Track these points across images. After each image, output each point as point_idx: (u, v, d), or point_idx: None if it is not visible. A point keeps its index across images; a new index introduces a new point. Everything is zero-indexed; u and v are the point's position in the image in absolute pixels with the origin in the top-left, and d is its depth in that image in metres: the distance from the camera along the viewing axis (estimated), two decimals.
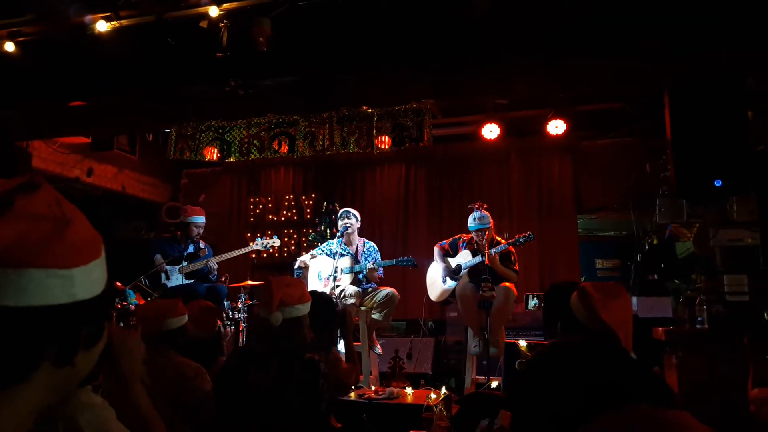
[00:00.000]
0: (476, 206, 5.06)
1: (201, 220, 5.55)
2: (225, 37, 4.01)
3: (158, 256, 5.37)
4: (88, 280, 0.80)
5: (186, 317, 2.80)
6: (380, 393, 3.90)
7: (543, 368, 0.98)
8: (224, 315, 5.43)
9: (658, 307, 4.90)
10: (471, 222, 5.00)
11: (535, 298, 5.62)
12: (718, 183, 3.47)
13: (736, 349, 3.42)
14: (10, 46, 4.43)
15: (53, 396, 0.81)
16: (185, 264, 5.44)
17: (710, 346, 3.77)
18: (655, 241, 5.90)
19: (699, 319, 3.97)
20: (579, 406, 0.86)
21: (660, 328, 4.12)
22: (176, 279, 5.39)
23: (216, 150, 5.15)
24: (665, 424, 0.80)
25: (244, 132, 5.02)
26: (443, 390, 3.61)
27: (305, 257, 5.49)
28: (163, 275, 5.35)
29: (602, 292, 2.02)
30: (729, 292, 4.04)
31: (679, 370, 3.79)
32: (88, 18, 4.14)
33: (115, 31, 4.19)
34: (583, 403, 0.86)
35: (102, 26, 4.16)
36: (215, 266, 5.50)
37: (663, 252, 6.19)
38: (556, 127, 5.92)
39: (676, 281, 5.82)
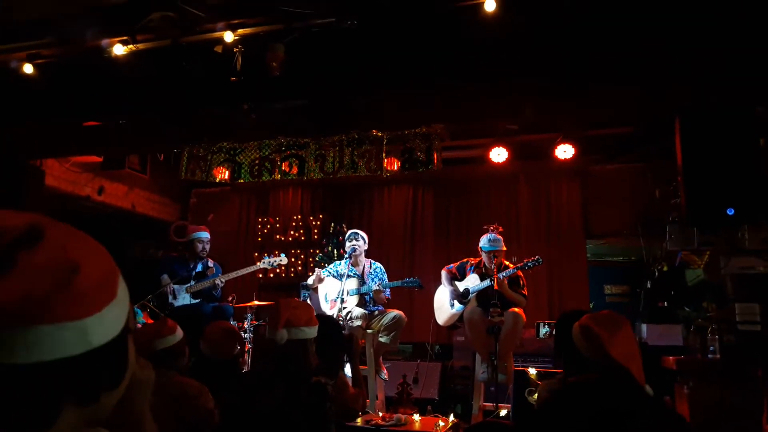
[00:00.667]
0: (491, 228, 5.05)
1: (204, 235, 5.57)
2: (239, 62, 4.06)
3: (165, 276, 5.39)
4: (103, 325, 0.76)
5: (178, 335, 2.78)
6: (387, 419, 3.86)
7: (558, 408, 0.97)
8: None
9: (668, 335, 4.86)
10: (484, 242, 4.99)
11: (546, 326, 5.57)
12: (730, 212, 3.45)
13: (750, 380, 3.37)
14: (28, 68, 4.50)
15: (83, 428, 0.79)
16: (193, 283, 5.44)
17: (723, 376, 3.72)
18: (665, 268, 5.86)
19: (711, 348, 3.93)
20: None
21: (671, 357, 4.08)
22: (183, 298, 5.39)
23: (227, 171, 5.19)
24: None
25: (255, 154, 5.06)
26: (451, 417, 3.57)
27: (318, 273, 5.45)
28: (170, 295, 5.35)
29: (605, 326, 1.96)
30: (741, 321, 3.99)
31: (690, 401, 3.74)
32: (105, 42, 4.20)
33: (131, 55, 4.25)
34: None
35: (119, 50, 4.22)
36: (221, 283, 5.50)
37: (673, 279, 6.14)
38: (565, 151, 5.94)
39: (686, 309, 5.76)
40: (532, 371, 4.20)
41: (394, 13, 3.94)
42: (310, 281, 5.52)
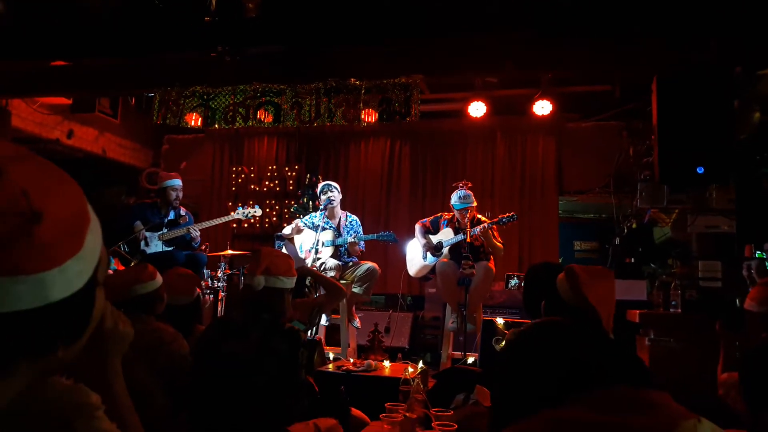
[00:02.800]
0: (461, 185, 5.07)
1: (177, 183, 5.48)
2: (213, 2, 3.92)
3: (138, 223, 5.32)
4: (64, 280, 0.70)
5: (158, 281, 2.76)
6: (358, 365, 3.94)
7: (524, 346, 1.00)
8: (203, 284, 5.41)
9: (634, 290, 4.99)
10: (455, 200, 5.02)
11: (516, 278, 5.69)
12: (700, 170, 3.52)
13: (708, 333, 3.51)
14: None
15: (40, 377, 0.76)
16: (165, 231, 5.39)
17: (682, 329, 3.86)
18: (634, 225, 5.99)
19: (673, 303, 4.07)
20: (559, 384, 0.88)
21: (634, 311, 4.21)
22: (155, 246, 5.34)
23: (199, 117, 5.08)
24: (645, 405, 0.82)
25: (229, 99, 4.95)
26: (420, 364, 3.66)
27: (296, 223, 5.44)
28: (142, 242, 5.30)
29: (589, 273, 2.06)
30: (703, 278, 4.13)
31: (651, 352, 3.88)
32: None
33: None
34: (563, 382, 0.88)
35: None
36: (197, 234, 5.46)
37: (641, 236, 6.29)
38: (543, 107, 5.94)
39: (652, 265, 5.93)
40: (500, 321, 4.31)
41: None
42: (287, 231, 5.50)
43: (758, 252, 3.51)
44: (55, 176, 0.74)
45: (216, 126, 5.05)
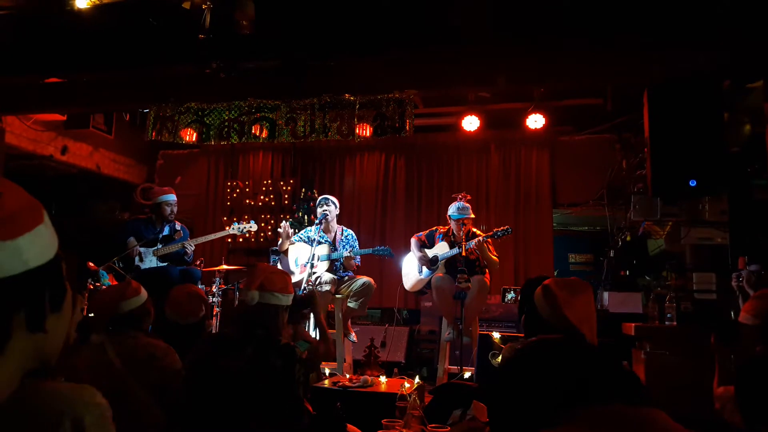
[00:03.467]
0: (460, 197, 5.09)
1: (172, 198, 5.47)
2: (208, 19, 3.94)
3: (132, 239, 5.30)
4: (37, 245, 0.80)
5: (143, 297, 2.76)
6: (354, 381, 3.92)
7: (520, 364, 1.00)
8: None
9: (629, 303, 5.00)
10: (453, 211, 5.03)
11: (512, 292, 5.69)
12: (692, 183, 3.54)
13: (703, 346, 3.52)
14: None
15: (31, 363, 0.83)
16: (160, 246, 5.37)
17: (678, 342, 3.87)
18: (628, 238, 6.01)
19: (668, 315, 4.08)
20: (556, 402, 0.88)
21: (630, 324, 4.22)
22: (150, 261, 5.32)
23: (195, 132, 5.08)
24: (640, 422, 0.82)
25: (224, 115, 4.95)
26: (417, 379, 3.64)
27: (284, 226, 5.39)
28: (136, 257, 5.28)
29: (566, 289, 2.01)
30: (697, 290, 4.15)
31: (646, 365, 3.88)
32: None
33: (95, 8, 4.09)
34: (560, 400, 0.88)
35: (81, 2, 4.06)
36: (191, 249, 5.44)
37: (635, 249, 6.31)
38: (536, 121, 5.99)
39: (647, 278, 5.94)
40: (496, 335, 4.30)
41: None
42: (280, 229, 5.42)
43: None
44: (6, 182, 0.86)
45: (211, 142, 5.05)
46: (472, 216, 5.04)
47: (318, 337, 3.42)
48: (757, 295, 2.35)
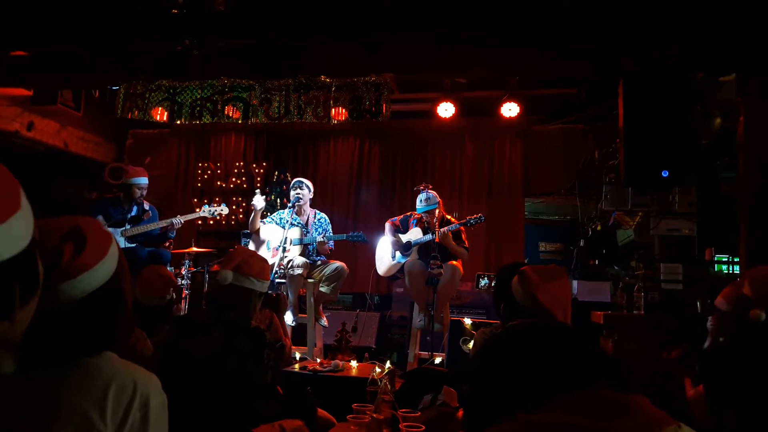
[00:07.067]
0: (422, 187, 5.06)
1: (144, 181, 5.36)
2: None
3: (100, 218, 5.18)
4: (9, 237, 0.76)
5: None
6: (325, 365, 3.91)
7: (499, 349, 0.99)
8: None
9: (597, 292, 5.08)
10: (418, 204, 5.01)
11: (486, 278, 5.73)
12: (665, 173, 3.58)
13: (669, 334, 3.59)
14: None
15: None
16: (128, 227, 5.26)
17: (645, 331, 3.94)
18: (598, 228, 6.09)
19: (636, 305, 4.14)
20: (536, 387, 0.87)
21: (599, 312, 4.28)
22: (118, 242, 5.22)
23: (165, 111, 4.96)
24: (624, 408, 0.81)
25: (196, 94, 4.84)
26: (388, 364, 3.64)
27: (254, 202, 5.30)
28: None
29: (541, 274, 2.05)
30: (665, 280, 4.22)
31: (614, 353, 3.95)
32: None
33: None
34: (540, 385, 0.87)
35: None
36: (179, 225, 5.34)
37: (605, 238, 6.40)
38: (510, 109, 6.00)
39: (616, 267, 6.04)
40: (468, 321, 4.33)
41: None
42: (254, 202, 5.33)
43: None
44: None
45: (183, 121, 4.93)
46: (439, 201, 5.00)
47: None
48: (734, 283, 2.38)
